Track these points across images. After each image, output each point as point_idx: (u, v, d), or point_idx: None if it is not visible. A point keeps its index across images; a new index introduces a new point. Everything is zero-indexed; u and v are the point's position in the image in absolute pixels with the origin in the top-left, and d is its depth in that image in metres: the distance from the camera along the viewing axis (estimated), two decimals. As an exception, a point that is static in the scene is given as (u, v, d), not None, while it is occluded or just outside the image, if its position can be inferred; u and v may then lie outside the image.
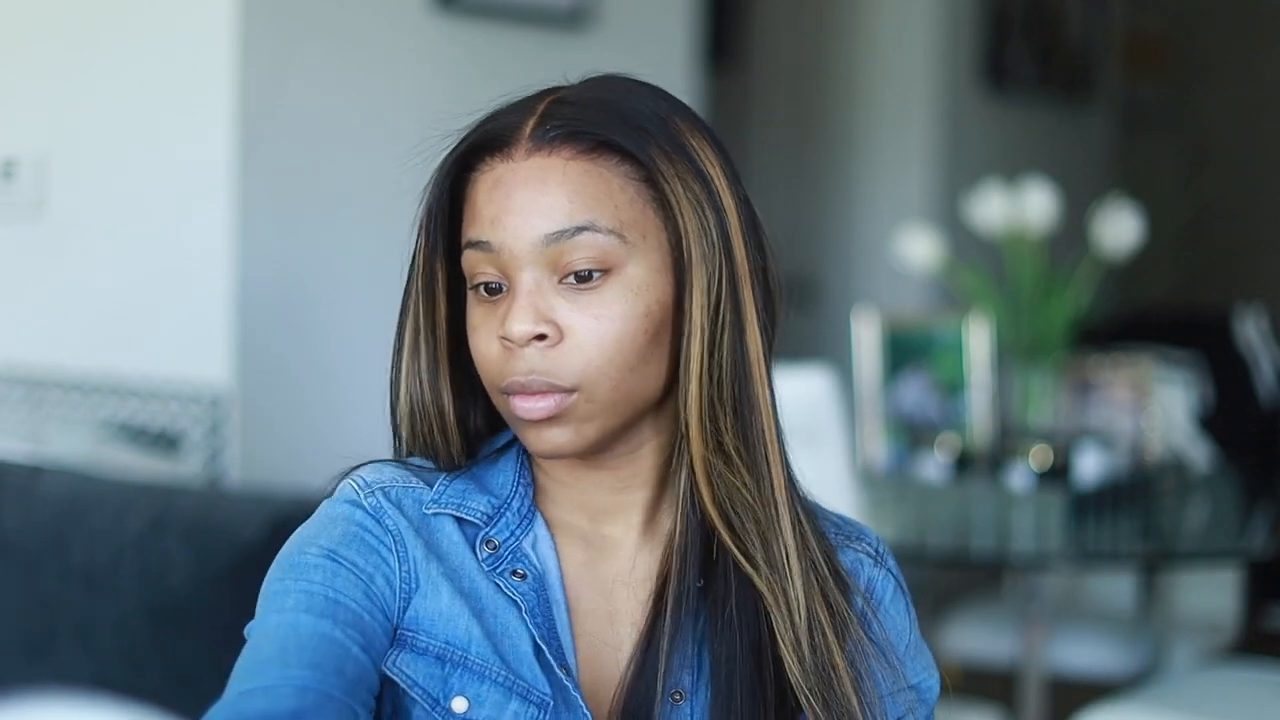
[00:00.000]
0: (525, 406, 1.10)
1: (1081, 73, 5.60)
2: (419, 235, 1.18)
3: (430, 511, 1.14)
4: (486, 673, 1.10)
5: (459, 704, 1.10)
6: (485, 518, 1.15)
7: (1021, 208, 3.32)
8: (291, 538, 1.13)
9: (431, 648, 1.11)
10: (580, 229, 1.09)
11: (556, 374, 1.09)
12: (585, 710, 1.10)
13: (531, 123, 1.12)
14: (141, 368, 2.60)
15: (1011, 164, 4.43)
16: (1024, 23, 5.17)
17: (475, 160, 1.13)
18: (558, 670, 1.10)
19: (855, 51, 4.85)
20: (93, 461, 2.34)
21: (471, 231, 1.12)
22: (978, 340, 3.24)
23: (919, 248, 3.38)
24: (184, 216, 2.61)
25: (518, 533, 1.15)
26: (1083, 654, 3.36)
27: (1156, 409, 3.27)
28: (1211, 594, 3.64)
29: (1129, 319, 4.60)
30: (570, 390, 1.09)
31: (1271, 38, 6.51)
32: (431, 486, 1.16)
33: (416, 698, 1.10)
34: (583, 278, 1.09)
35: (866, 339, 3.24)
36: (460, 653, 1.11)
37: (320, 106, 2.70)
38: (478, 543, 1.14)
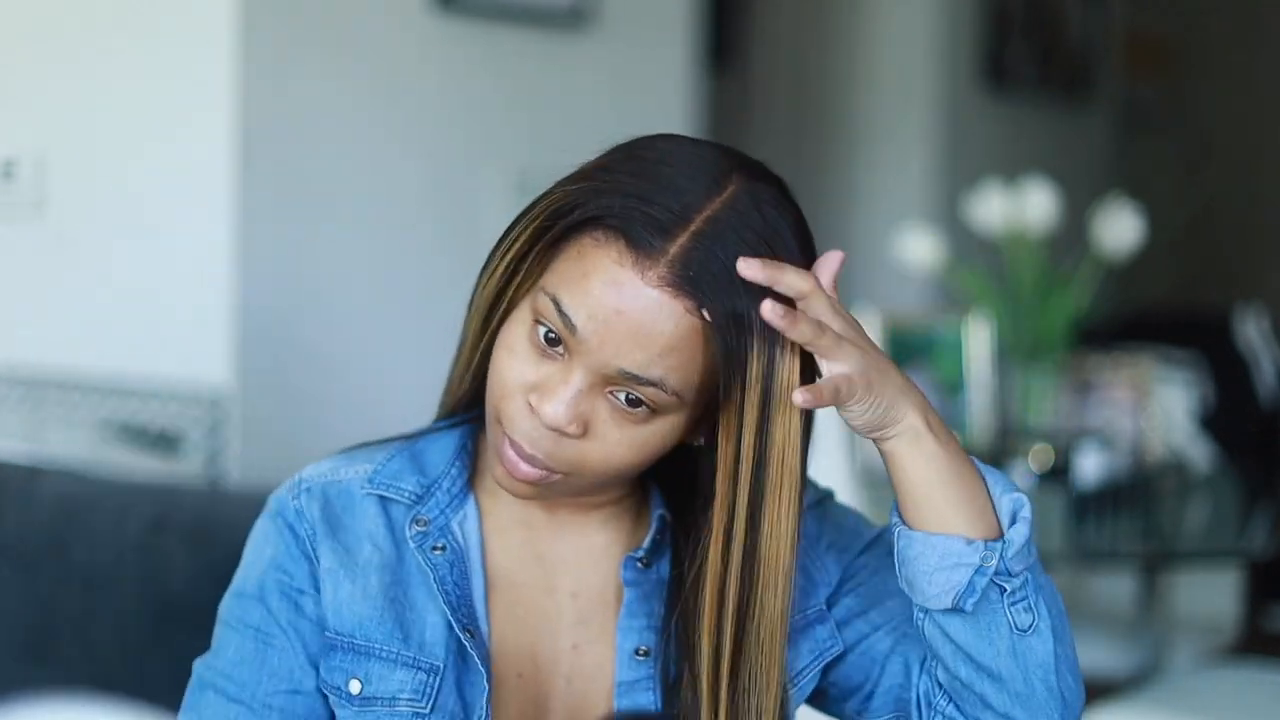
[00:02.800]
0: (515, 463, 1.15)
1: (1081, 73, 5.60)
2: (523, 227, 1.16)
3: (362, 492, 1.23)
4: (371, 651, 1.20)
5: (354, 686, 1.19)
6: (414, 497, 1.23)
7: (1021, 208, 3.32)
8: (245, 552, 1.27)
9: (330, 641, 1.21)
10: (652, 384, 1.11)
11: (558, 460, 1.14)
12: (483, 670, 1.18)
13: (680, 244, 1.09)
14: (141, 368, 2.60)
15: (1011, 164, 4.43)
16: (1024, 23, 5.17)
17: (604, 225, 1.11)
18: (460, 634, 1.19)
19: (855, 52, 4.85)
20: (93, 461, 2.34)
21: (566, 296, 1.11)
22: (978, 340, 3.23)
23: (919, 248, 3.38)
24: (184, 216, 2.61)
25: (447, 511, 1.23)
26: (1083, 654, 3.36)
27: (1156, 409, 3.27)
28: (1211, 594, 3.64)
29: (1129, 319, 4.60)
30: (559, 474, 1.15)
31: (1271, 38, 6.51)
32: (371, 465, 1.25)
33: (327, 693, 1.21)
34: (632, 402, 1.12)
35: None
36: (348, 639, 1.20)
37: (320, 107, 2.70)
38: (408, 522, 1.22)
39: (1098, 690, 3.15)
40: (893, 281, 4.38)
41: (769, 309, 1.06)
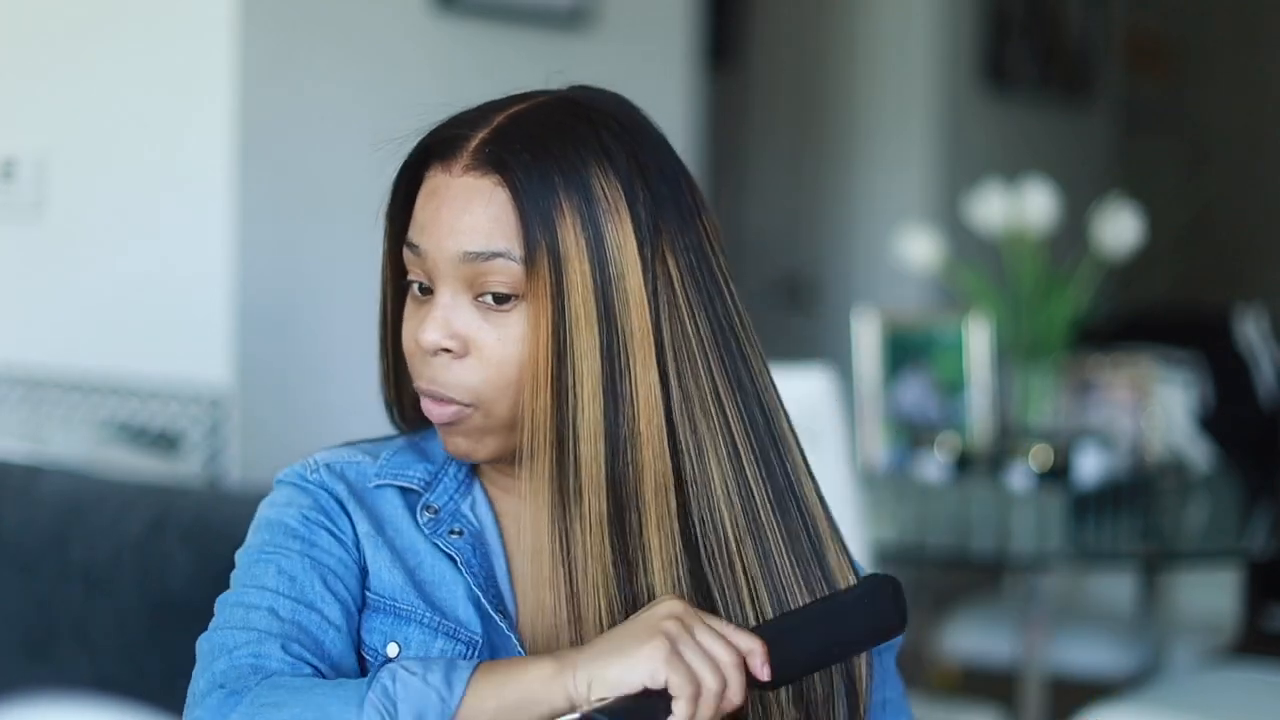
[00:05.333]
0: (430, 410, 1.18)
1: (1081, 73, 5.60)
2: (383, 225, 1.24)
3: (373, 484, 1.23)
4: (413, 616, 1.19)
5: (391, 649, 1.18)
6: (423, 484, 1.24)
7: (1021, 208, 3.32)
8: (257, 516, 1.24)
9: (372, 602, 1.20)
10: (495, 254, 1.14)
11: (454, 387, 1.16)
12: (519, 647, 1.18)
13: (479, 138, 1.16)
14: (141, 368, 2.60)
15: (1011, 164, 4.43)
16: (1024, 23, 5.17)
17: (430, 161, 1.19)
18: (494, 615, 1.19)
19: (855, 52, 4.85)
20: (93, 461, 2.34)
21: (409, 233, 1.18)
22: (978, 340, 3.24)
23: (919, 248, 3.38)
24: (184, 216, 2.61)
25: (456, 496, 1.24)
26: (1083, 654, 3.36)
27: (1156, 409, 3.27)
28: (1211, 594, 3.64)
29: (1129, 319, 4.60)
30: (467, 405, 1.16)
31: (1271, 38, 6.51)
32: (376, 459, 1.25)
33: (364, 653, 1.19)
34: (499, 299, 1.15)
35: (866, 339, 3.24)
36: (389, 602, 1.19)
37: (320, 107, 2.70)
38: (418, 509, 1.23)
39: (1098, 690, 3.15)
40: (893, 281, 4.38)
41: None
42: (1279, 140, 6.52)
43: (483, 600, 1.19)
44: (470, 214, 1.15)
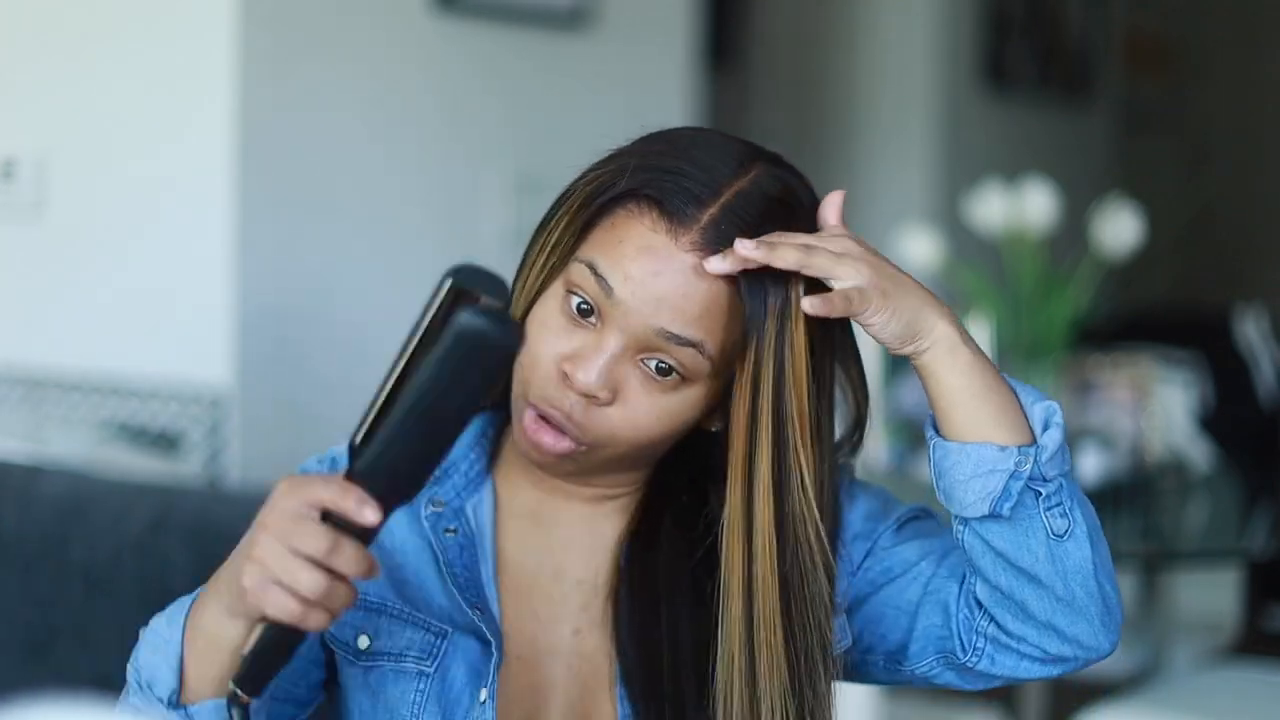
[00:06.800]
0: (540, 437, 1.16)
1: (1081, 73, 5.60)
2: (561, 212, 1.19)
3: None
4: (384, 609, 1.20)
5: (362, 641, 1.20)
6: (432, 478, 1.22)
7: (1021, 208, 3.31)
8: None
9: None
10: (691, 344, 1.13)
11: (586, 429, 1.15)
12: (493, 640, 1.18)
13: (710, 213, 1.14)
14: (141, 368, 2.60)
15: (1011, 164, 4.43)
16: (1024, 23, 5.17)
17: (645, 200, 1.14)
18: (469, 610, 1.19)
19: (855, 51, 4.85)
20: (93, 461, 2.34)
21: (602, 261, 1.14)
22: (978, 340, 3.23)
23: (919, 248, 3.38)
24: (184, 217, 2.61)
25: (463, 494, 1.24)
26: (1082, 654, 3.36)
27: (1156, 409, 3.27)
28: (1211, 594, 3.64)
29: (1129, 319, 4.60)
30: (585, 444, 1.16)
31: (1271, 38, 6.51)
32: None
33: (335, 649, 1.21)
34: (662, 370, 1.14)
35: (867, 339, 3.24)
36: (360, 598, 1.17)
37: (320, 107, 2.70)
38: (425, 501, 1.23)
39: (1098, 690, 3.15)
40: (893, 281, 4.37)
41: (746, 246, 1.11)
42: (1279, 140, 6.52)
43: (458, 597, 1.20)
44: (687, 299, 1.13)
